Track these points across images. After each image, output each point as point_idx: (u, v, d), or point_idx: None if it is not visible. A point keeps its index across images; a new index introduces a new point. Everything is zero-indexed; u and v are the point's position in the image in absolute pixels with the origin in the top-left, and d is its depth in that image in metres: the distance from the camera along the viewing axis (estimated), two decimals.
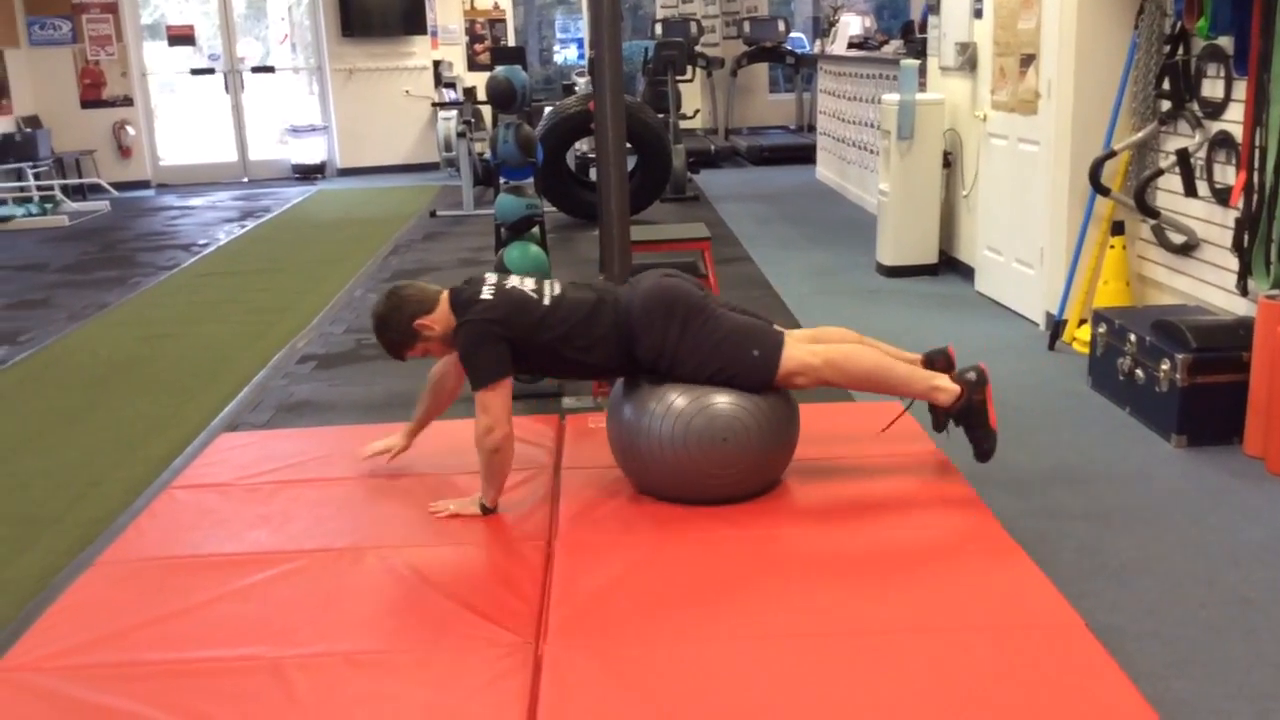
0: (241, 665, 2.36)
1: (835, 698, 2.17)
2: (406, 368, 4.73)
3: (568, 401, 4.33)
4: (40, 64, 11.99)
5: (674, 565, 2.74)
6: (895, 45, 8.55)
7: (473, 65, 13.33)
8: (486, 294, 3.11)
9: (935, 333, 5.38)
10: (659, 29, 12.56)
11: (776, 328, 3.19)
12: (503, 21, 13.46)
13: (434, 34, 13.02)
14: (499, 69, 4.56)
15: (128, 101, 12.29)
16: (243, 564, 2.82)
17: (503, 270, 4.44)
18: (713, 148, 12.27)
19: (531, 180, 4.58)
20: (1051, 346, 5.02)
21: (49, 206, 10.45)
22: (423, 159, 12.95)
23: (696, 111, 12.97)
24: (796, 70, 13.51)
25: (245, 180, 12.79)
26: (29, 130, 11.43)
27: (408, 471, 3.38)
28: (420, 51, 12.90)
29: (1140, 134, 4.70)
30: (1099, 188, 4.75)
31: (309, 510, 3.16)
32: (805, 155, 11.48)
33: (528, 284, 3.19)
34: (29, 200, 10.48)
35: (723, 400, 3.01)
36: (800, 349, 3.11)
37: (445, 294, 3.17)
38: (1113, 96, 4.83)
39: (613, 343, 3.11)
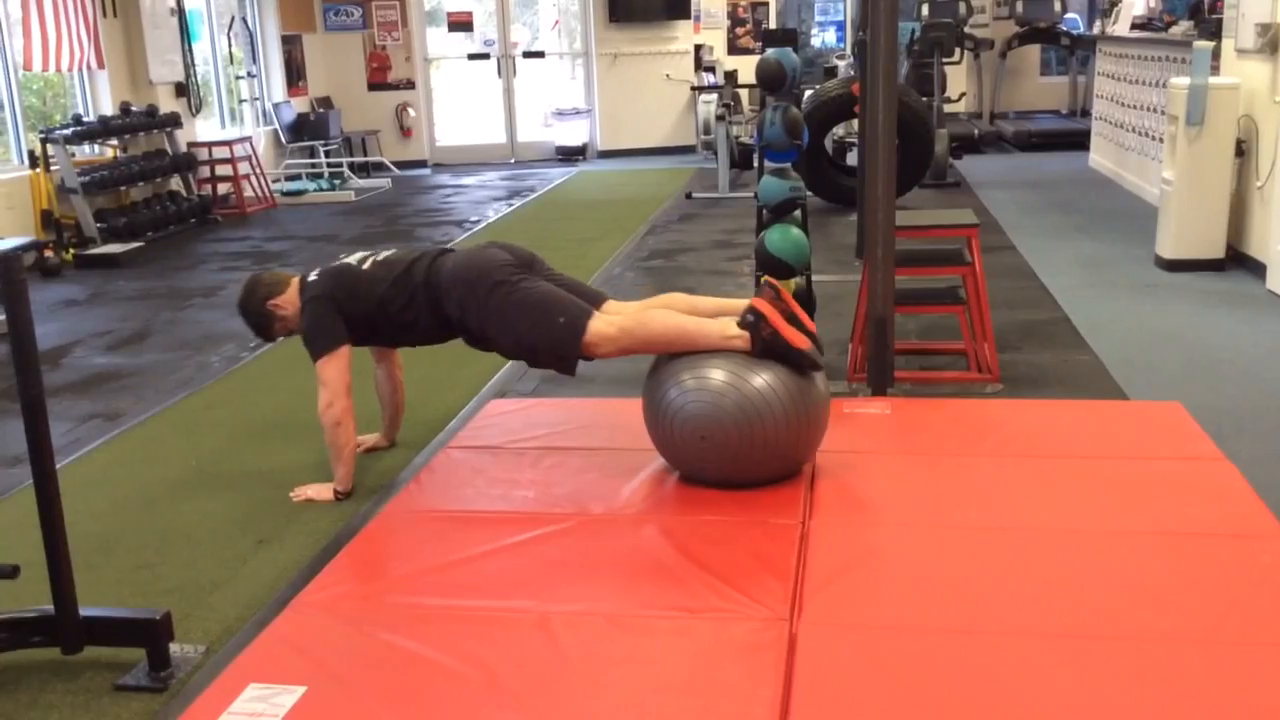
0: (512, 616, 2.50)
1: (1101, 707, 2.08)
2: None
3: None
4: (333, 48, 12.88)
5: (933, 554, 2.71)
6: (1184, 26, 8.03)
7: (733, 49, 13.40)
8: (313, 275, 3.43)
9: (1217, 332, 5.05)
10: (925, 9, 12.24)
11: (589, 299, 3.23)
12: (765, 5, 13.45)
13: (697, 18, 13.16)
14: (769, 51, 4.57)
15: (410, 85, 13.04)
16: (512, 522, 2.97)
17: (765, 253, 4.47)
18: (977, 132, 11.87)
19: (794, 163, 4.57)
20: None
21: (338, 183, 11.23)
22: (680, 142, 13.13)
23: (962, 95, 12.58)
24: (1071, 52, 12.88)
25: (513, 161, 13.33)
26: (322, 111, 12.31)
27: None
28: (683, 36, 13.08)
29: None
30: None
31: (571, 476, 3.30)
32: (1077, 141, 10.95)
33: (354, 257, 3.48)
34: (320, 176, 11.31)
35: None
36: (599, 320, 3.12)
37: (296, 278, 3.48)
38: None
39: (423, 302, 3.28)
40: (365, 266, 3.44)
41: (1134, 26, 9.09)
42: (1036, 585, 2.54)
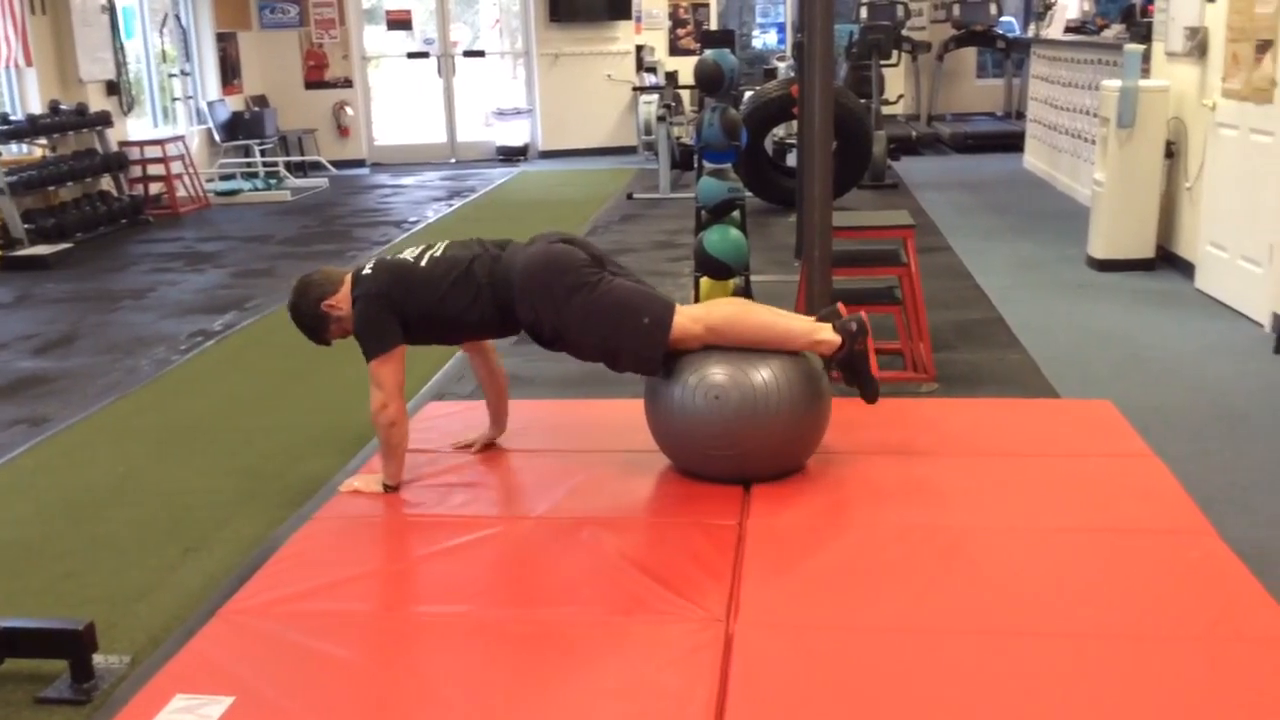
0: (445, 622, 2.47)
1: (1030, 702, 2.11)
2: None
3: None
4: (269, 46, 12.70)
5: (869, 553, 2.72)
6: (1116, 30, 8.18)
7: (674, 50, 13.41)
8: (368, 269, 3.20)
9: (1147, 331, 5.14)
10: (864, 12, 12.35)
11: (664, 297, 3.15)
12: (706, 6, 13.48)
13: (638, 19, 13.17)
14: (708, 52, 4.58)
15: (347, 83, 12.90)
16: (447, 526, 2.94)
17: (703, 253, 4.48)
18: (914, 134, 11.99)
19: (733, 164, 4.58)
20: (1278, 350, 4.72)
21: (273, 182, 11.08)
22: (621, 142, 13.12)
23: (900, 97, 12.71)
24: (1007, 55, 13.06)
25: (453, 161, 13.24)
26: (257, 109, 12.14)
27: (599, 448, 3.45)
28: (624, 36, 13.07)
29: None
30: None
31: (509, 479, 3.28)
32: (1012, 143, 11.10)
33: (410, 252, 3.24)
34: (255, 175, 11.15)
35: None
36: (683, 317, 3.06)
37: (349, 275, 3.25)
38: None
39: (488, 303, 3.12)
40: (423, 264, 3.19)
41: (1067, 30, 9.24)
42: (970, 583, 2.56)
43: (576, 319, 3.06)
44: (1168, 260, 6.28)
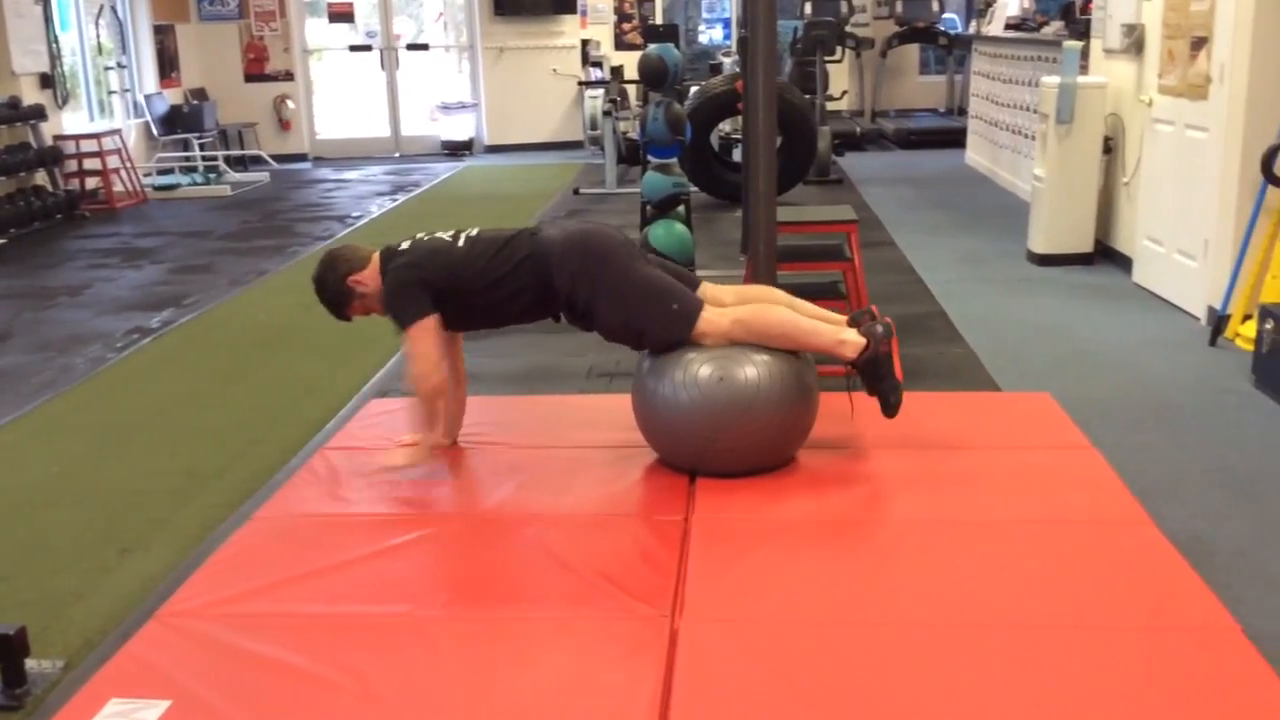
0: (387, 621, 2.44)
1: (973, 692, 2.13)
2: (550, 342, 4.81)
3: None
4: (208, 38, 12.50)
5: (812, 546, 2.73)
6: (1055, 27, 8.28)
7: (620, 44, 13.39)
8: (404, 245, 3.23)
9: (1086, 325, 5.21)
10: (808, 8, 12.40)
11: (701, 288, 3.19)
12: (651, 1, 13.47)
13: (583, 13, 13.12)
14: (651, 47, 4.58)
15: (289, 76, 12.72)
16: (391, 524, 2.91)
17: (648, 248, 4.47)
18: (858, 130, 12.08)
19: (677, 159, 4.59)
20: (1213, 342, 4.81)
21: (213, 176, 10.91)
22: (568, 137, 13.07)
23: (844, 93, 12.78)
24: (949, 51, 13.18)
25: (397, 155, 13.12)
26: (196, 102, 11.94)
27: (545, 444, 3.43)
28: (569, 30, 13.02)
29: None
30: (1272, 178, 4.52)
31: (454, 476, 3.25)
32: (955, 139, 11.21)
33: (444, 233, 3.27)
34: (194, 170, 10.97)
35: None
36: (711, 310, 3.10)
37: (377, 253, 3.26)
38: None
39: (527, 276, 3.13)
40: (460, 244, 3.20)
41: (1008, 27, 9.34)
42: (911, 574, 2.58)
43: (609, 295, 3.10)
44: (1106, 255, 6.37)
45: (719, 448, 3.04)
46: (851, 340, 3.14)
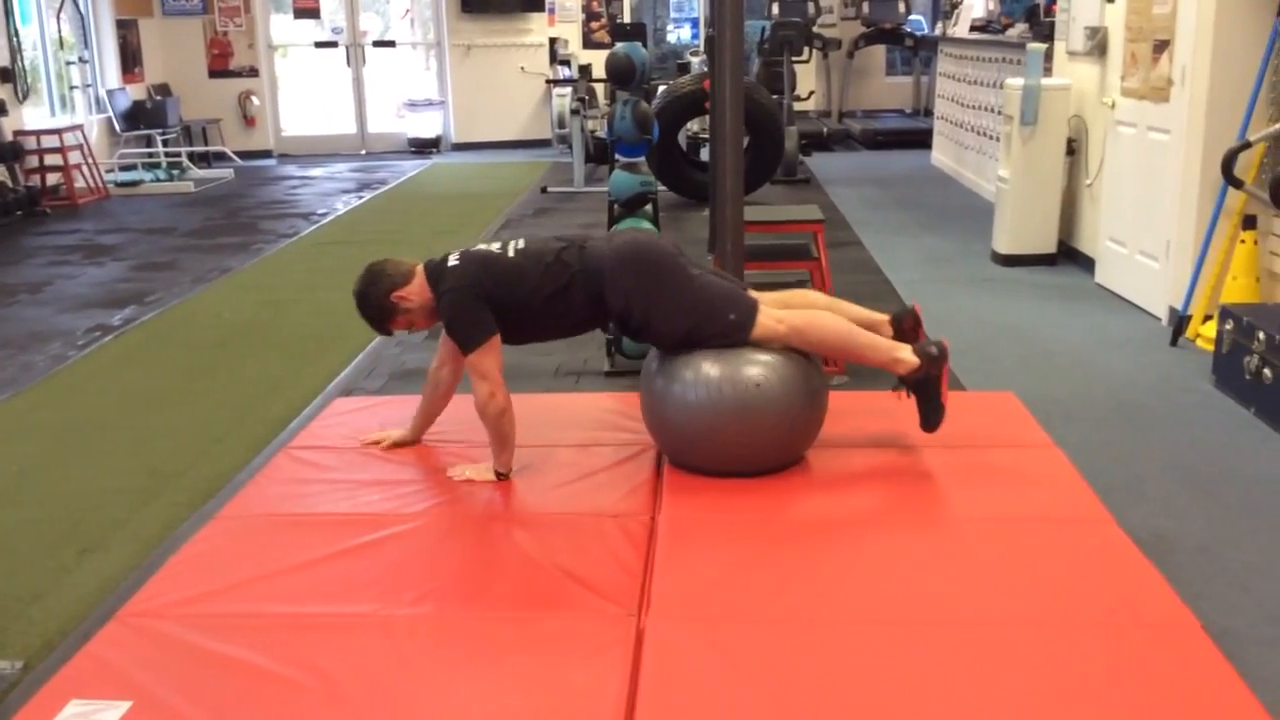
0: (351, 621, 2.42)
1: (939, 689, 2.14)
2: None
3: None
4: (171, 33, 12.38)
5: (781, 545, 2.73)
6: (1020, 29, 8.35)
7: (588, 43, 13.38)
8: (453, 260, 3.16)
9: (1049, 325, 5.26)
10: (776, 8, 12.44)
11: (750, 293, 3.17)
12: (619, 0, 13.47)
13: (551, 11, 13.11)
14: (619, 45, 4.57)
15: (253, 72, 12.63)
16: (355, 524, 2.89)
17: None
18: (825, 130, 12.13)
19: (645, 158, 4.59)
20: (1174, 342, 4.87)
21: (176, 173, 10.81)
22: (535, 135, 13.05)
23: (811, 93, 12.83)
24: (915, 53, 13.27)
25: (363, 152, 13.05)
26: (159, 98, 11.82)
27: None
28: (537, 28, 13.00)
29: (1278, 125, 4.51)
30: (1232, 180, 4.58)
31: (420, 475, 3.22)
32: (920, 140, 11.29)
33: (493, 245, 3.22)
34: (157, 166, 10.86)
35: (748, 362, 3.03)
36: (767, 316, 3.09)
37: (420, 266, 3.20)
38: (1250, 86, 4.65)
39: (579, 293, 3.11)
40: (510, 255, 3.15)
41: (973, 28, 9.40)
42: (876, 572, 2.59)
43: (665, 309, 3.07)
44: (1069, 255, 6.43)
45: (728, 447, 3.04)
46: (906, 360, 3.15)
